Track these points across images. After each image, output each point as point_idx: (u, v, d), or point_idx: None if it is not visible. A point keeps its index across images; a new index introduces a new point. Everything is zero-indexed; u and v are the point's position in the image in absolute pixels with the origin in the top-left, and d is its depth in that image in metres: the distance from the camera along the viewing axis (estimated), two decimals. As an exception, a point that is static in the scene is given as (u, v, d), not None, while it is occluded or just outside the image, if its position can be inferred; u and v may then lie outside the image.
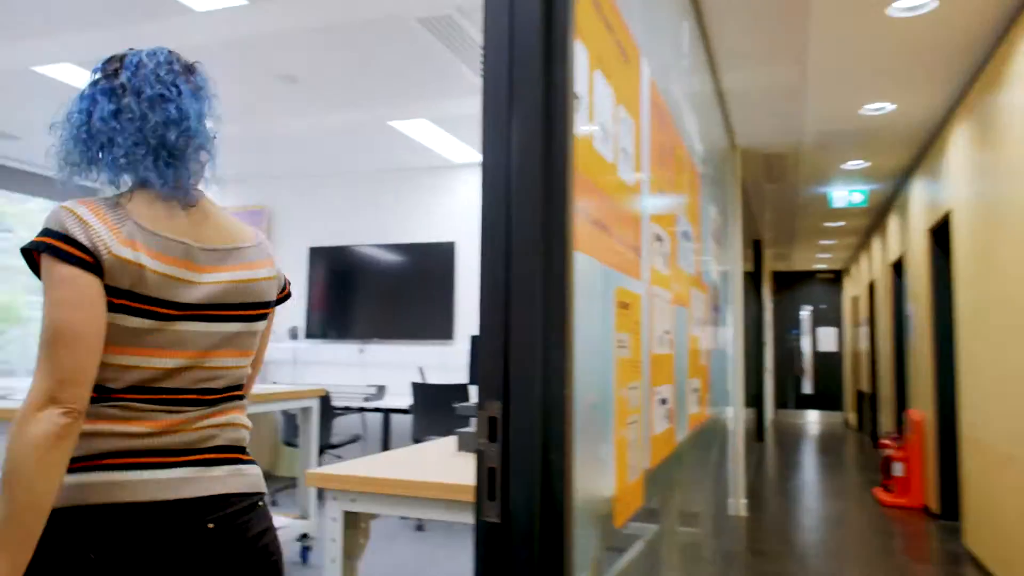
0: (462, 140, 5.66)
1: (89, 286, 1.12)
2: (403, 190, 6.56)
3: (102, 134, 1.21)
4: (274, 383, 6.43)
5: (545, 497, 0.94)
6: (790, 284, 13.92)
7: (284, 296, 1.45)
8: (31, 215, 7.54)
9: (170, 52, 1.29)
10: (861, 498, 6.17)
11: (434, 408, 5.13)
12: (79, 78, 4.45)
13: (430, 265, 6.35)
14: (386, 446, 5.51)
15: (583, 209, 1.14)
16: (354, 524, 1.94)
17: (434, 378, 6.08)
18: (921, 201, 5.76)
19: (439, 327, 6.24)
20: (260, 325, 1.35)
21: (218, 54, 4.07)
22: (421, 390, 5.19)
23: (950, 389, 5.17)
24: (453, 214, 6.38)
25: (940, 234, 5.36)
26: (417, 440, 5.21)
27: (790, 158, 5.72)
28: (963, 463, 4.63)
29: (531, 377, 0.95)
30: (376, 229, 6.62)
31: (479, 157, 5.71)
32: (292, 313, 6.82)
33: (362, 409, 5.60)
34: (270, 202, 7.04)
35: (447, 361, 6.18)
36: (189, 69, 1.31)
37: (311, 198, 6.89)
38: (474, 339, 5.88)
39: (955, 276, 4.70)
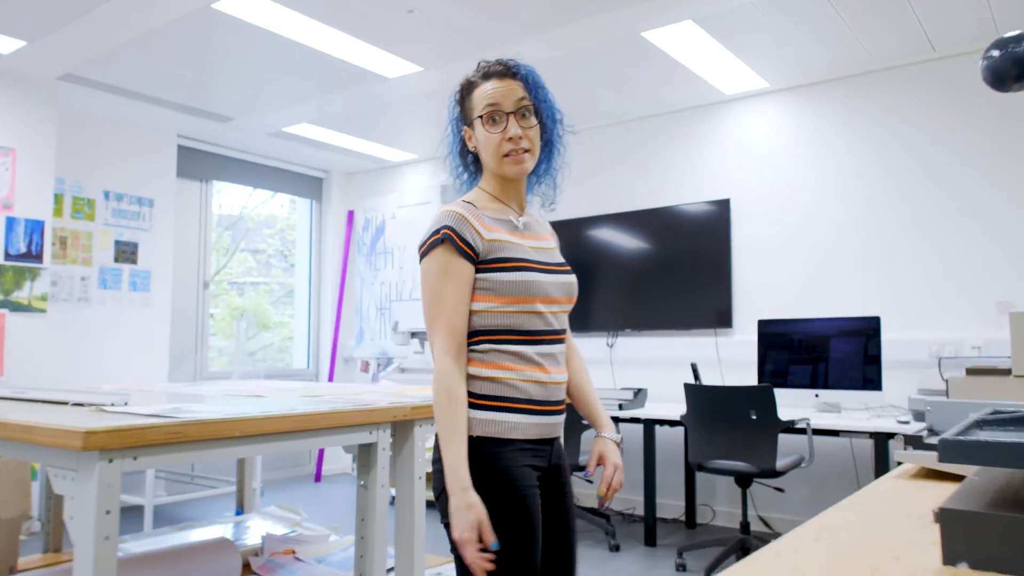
0: (737, 55, 4.15)
1: None
2: (657, 139, 5.18)
3: None
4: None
5: None
6: None
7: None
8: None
9: None
10: None
11: (716, 419, 3.68)
12: (271, 17, 3.65)
13: (696, 232, 4.88)
14: (650, 468, 4.15)
15: None
16: None
17: (708, 378, 4.61)
18: None
19: (712, 312, 4.75)
20: None
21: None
22: (697, 395, 3.76)
23: None
24: (726, 162, 4.87)
25: None
26: (699, 466, 3.78)
27: None
28: None
29: None
30: (623, 193, 5.30)
31: (762, 83, 4.02)
32: (526, 302, 5.71)
33: (615, 419, 4.29)
34: (497, 173, 6.02)
35: (726, 356, 4.68)
36: None
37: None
38: (763, 325, 4.32)
39: None
